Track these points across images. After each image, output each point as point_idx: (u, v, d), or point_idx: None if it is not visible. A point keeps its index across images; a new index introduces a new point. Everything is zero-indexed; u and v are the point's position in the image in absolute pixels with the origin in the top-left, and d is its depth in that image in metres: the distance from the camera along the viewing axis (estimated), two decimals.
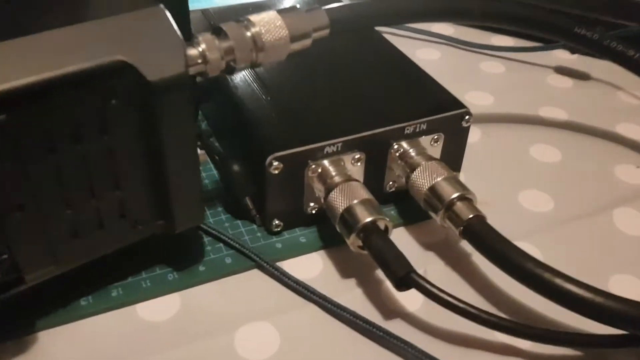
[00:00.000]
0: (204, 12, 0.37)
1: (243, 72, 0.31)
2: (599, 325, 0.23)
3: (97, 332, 0.24)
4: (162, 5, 0.21)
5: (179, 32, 0.21)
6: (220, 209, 0.30)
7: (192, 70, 0.23)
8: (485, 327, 0.23)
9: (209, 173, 0.32)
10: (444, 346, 0.24)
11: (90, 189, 0.22)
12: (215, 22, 0.26)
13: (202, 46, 0.23)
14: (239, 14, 0.25)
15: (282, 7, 0.37)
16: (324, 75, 0.32)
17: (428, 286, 0.24)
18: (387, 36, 0.45)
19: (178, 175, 0.23)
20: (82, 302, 0.25)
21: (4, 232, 0.20)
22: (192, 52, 0.23)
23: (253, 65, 0.25)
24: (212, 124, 0.34)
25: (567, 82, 0.43)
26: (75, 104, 0.20)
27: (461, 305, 0.23)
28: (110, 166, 0.22)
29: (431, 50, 0.45)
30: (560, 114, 0.39)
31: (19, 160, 0.20)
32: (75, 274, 0.24)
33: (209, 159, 0.32)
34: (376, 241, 0.25)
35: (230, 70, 0.24)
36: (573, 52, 0.45)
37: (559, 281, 0.23)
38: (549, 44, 0.45)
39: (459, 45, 0.46)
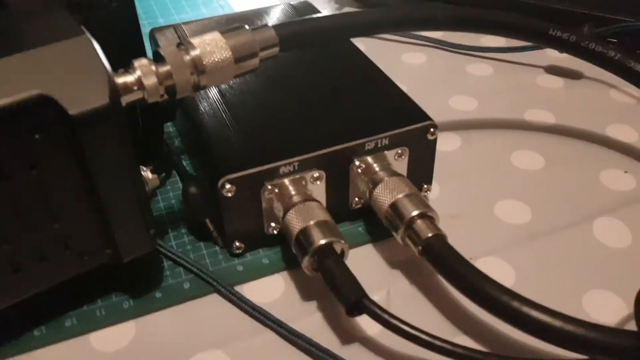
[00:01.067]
0: (175, 28, 0.37)
1: (206, 90, 0.31)
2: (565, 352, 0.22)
3: None
4: (88, 35, 0.21)
5: (105, 63, 0.21)
6: (184, 230, 0.29)
7: (127, 98, 0.22)
8: (438, 354, 0.22)
9: (177, 192, 0.31)
10: None
11: (26, 223, 0.22)
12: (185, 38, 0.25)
13: (137, 73, 0.22)
14: (210, 29, 0.24)
15: (256, 21, 0.37)
16: (288, 90, 0.31)
17: (379, 312, 0.23)
18: (371, 40, 0.44)
19: (116, 206, 0.22)
20: (36, 332, 0.25)
21: None
22: (127, 79, 0.22)
23: (197, 89, 0.24)
24: (183, 142, 0.34)
25: (557, 82, 0.41)
26: None
27: (413, 332, 0.22)
28: (44, 200, 0.21)
29: (417, 54, 0.44)
30: (547, 117, 0.37)
31: None
32: (29, 302, 0.24)
33: (178, 178, 0.32)
34: (329, 265, 0.24)
35: (172, 93, 0.24)
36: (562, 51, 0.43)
37: (516, 304, 0.22)
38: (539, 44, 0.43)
39: (446, 47, 0.45)
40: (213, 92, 0.31)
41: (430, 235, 0.25)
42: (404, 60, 0.43)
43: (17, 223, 0.21)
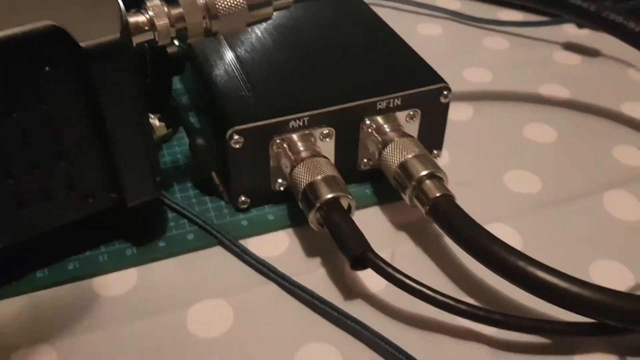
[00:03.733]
0: None
1: (217, 45, 0.31)
2: (569, 312, 0.22)
3: (50, 305, 0.24)
4: None
5: None
6: (189, 184, 0.29)
7: (139, 38, 0.22)
8: (442, 310, 0.22)
9: (183, 148, 0.31)
10: (404, 329, 0.23)
11: (32, 160, 0.21)
12: None
13: (150, 13, 0.22)
14: None
15: None
16: (300, 48, 0.31)
17: (384, 266, 0.22)
18: (387, 10, 0.44)
19: (123, 147, 0.22)
20: (38, 274, 0.25)
21: None
22: (139, 18, 0.22)
23: (208, 34, 0.24)
24: (191, 99, 0.34)
25: (574, 58, 0.40)
26: (6, 71, 0.19)
27: (417, 286, 0.22)
28: (52, 136, 0.21)
29: (433, 26, 0.44)
30: (562, 92, 0.37)
31: None
32: (32, 245, 0.23)
33: (185, 134, 0.32)
34: (335, 219, 0.24)
35: (183, 37, 0.23)
36: (582, 26, 0.42)
37: (522, 264, 0.22)
38: (557, 18, 0.42)
39: (463, 20, 0.44)
40: (224, 48, 0.30)
41: (438, 194, 0.25)
42: (419, 31, 0.43)
43: (23, 158, 0.21)
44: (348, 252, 0.23)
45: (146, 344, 0.23)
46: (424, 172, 0.25)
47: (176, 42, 0.29)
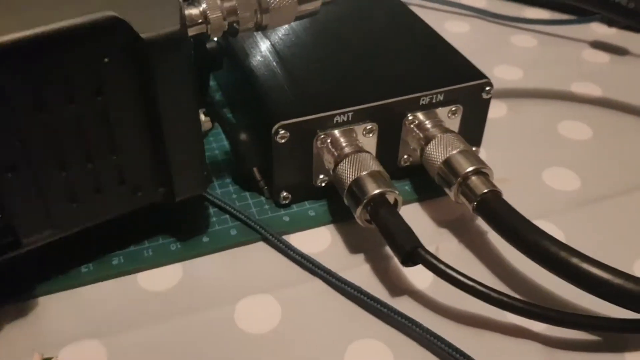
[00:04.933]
0: None
1: (256, 41, 0.30)
2: (619, 309, 0.22)
3: (96, 300, 0.24)
4: None
5: None
6: (229, 180, 0.29)
7: (192, 31, 0.22)
8: (495, 306, 0.22)
9: (220, 144, 0.31)
10: (452, 325, 0.23)
11: (86, 152, 0.21)
12: None
13: (203, 5, 0.22)
14: None
15: None
16: (341, 44, 0.31)
17: (435, 262, 0.22)
18: (414, 8, 0.44)
19: (176, 141, 0.22)
20: (83, 269, 0.25)
21: (4, 192, 0.20)
22: (193, 11, 0.22)
23: (258, 28, 0.24)
24: (226, 95, 0.34)
25: (603, 57, 0.40)
26: (65, 62, 0.19)
27: (469, 282, 0.22)
28: (106, 129, 0.21)
29: (460, 23, 0.44)
30: (594, 90, 0.37)
31: (9, 116, 0.19)
32: (77, 240, 0.23)
33: (221, 130, 0.32)
34: (384, 214, 0.24)
35: (233, 32, 0.23)
36: (610, 25, 0.42)
37: (575, 261, 0.22)
38: (584, 17, 0.42)
39: (490, 18, 0.44)
40: (264, 44, 0.30)
41: (486, 191, 0.25)
42: (447, 29, 0.43)
43: (77, 151, 0.21)
44: (398, 248, 0.23)
45: (195, 340, 0.23)
46: (469, 168, 0.25)
47: (215, 38, 0.29)
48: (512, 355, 0.22)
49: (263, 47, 0.30)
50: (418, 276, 0.25)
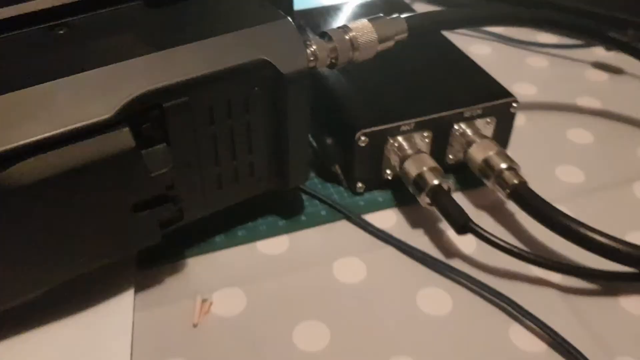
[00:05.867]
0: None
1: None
2: (614, 264, 0.30)
3: (230, 260, 0.33)
4: (289, 18, 0.29)
5: (302, 38, 0.29)
6: (313, 174, 0.38)
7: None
8: (524, 262, 0.31)
9: None
10: (491, 278, 0.32)
11: (233, 153, 0.30)
12: (298, 23, 0.33)
13: (314, 47, 0.31)
14: (320, 15, 0.32)
15: (357, 12, 0.45)
16: (396, 68, 0.39)
17: (481, 231, 0.31)
18: (446, 33, 0.52)
19: (295, 145, 0.31)
20: (217, 239, 0.33)
21: (180, 181, 0.28)
22: (307, 51, 0.31)
23: (350, 62, 0.32)
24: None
25: (603, 76, 0.49)
26: (230, 90, 0.28)
27: (505, 245, 0.31)
28: (248, 136, 0.30)
29: (483, 47, 0.52)
30: (595, 104, 0.46)
31: (192, 128, 0.28)
32: (211, 218, 0.32)
33: None
34: (441, 198, 0.33)
35: (332, 65, 0.32)
36: (608, 49, 0.51)
37: (583, 230, 0.30)
38: (588, 42, 0.51)
39: (508, 42, 0.53)
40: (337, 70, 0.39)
41: (516, 182, 0.33)
42: (472, 51, 0.51)
43: (227, 151, 0.30)
44: (454, 221, 0.32)
45: (305, 288, 0.31)
46: (503, 165, 0.34)
47: None
48: (537, 298, 0.31)
49: (335, 70, 0.39)
50: (464, 244, 0.34)
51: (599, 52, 0.51)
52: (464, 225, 0.31)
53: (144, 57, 0.26)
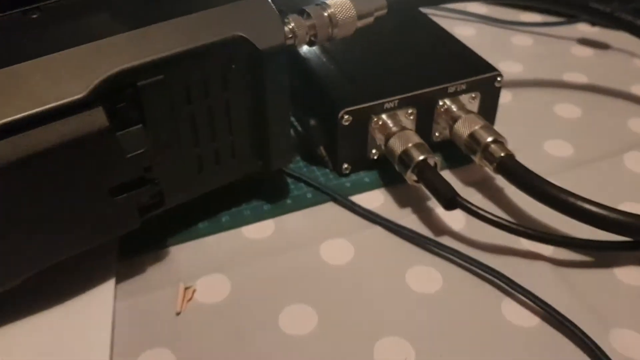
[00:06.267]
0: None
1: (313, 47, 0.38)
2: (607, 235, 0.29)
3: (214, 247, 0.32)
4: None
5: (278, 14, 0.28)
6: (298, 157, 0.37)
7: (287, 42, 0.30)
8: (514, 235, 0.30)
9: None
10: (482, 253, 0.31)
11: (212, 133, 0.29)
12: (279, 8, 0.33)
13: (292, 24, 0.30)
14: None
15: None
16: (378, 46, 0.39)
17: (469, 205, 0.30)
18: (428, 15, 0.52)
19: (276, 124, 0.30)
20: (200, 225, 0.33)
21: (158, 163, 0.28)
22: (285, 28, 0.30)
23: (329, 39, 0.32)
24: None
25: (588, 51, 0.49)
26: (207, 68, 0.27)
27: (494, 218, 0.30)
28: (227, 116, 0.29)
29: (467, 28, 0.52)
30: (581, 79, 0.45)
31: (168, 108, 0.27)
32: (194, 204, 0.31)
33: None
34: (428, 174, 0.32)
35: (312, 43, 0.31)
36: (593, 25, 0.51)
37: (572, 199, 0.30)
38: (572, 19, 0.51)
39: (492, 23, 0.52)
40: (317, 48, 0.38)
41: (502, 154, 0.33)
42: (456, 32, 0.50)
43: (207, 131, 0.29)
44: (442, 196, 0.31)
45: (292, 270, 0.30)
46: (489, 139, 0.33)
47: None
48: (529, 271, 0.30)
49: (316, 51, 0.38)
50: (453, 221, 0.33)
51: (584, 28, 0.51)
52: (451, 199, 0.31)
53: (117, 35, 0.26)
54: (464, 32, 0.51)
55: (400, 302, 0.29)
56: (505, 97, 0.43)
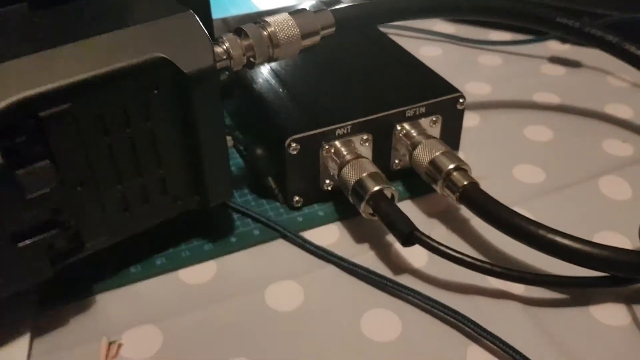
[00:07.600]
0: (224, 21, 0.41)
1: (260, 70, 0.36)
2: (580, 270, 0.26)
3: (146, 293, 0.28)
4: (191, 11, 0.26)
5: (207, 33, 0.25)
6: (246, 190, 0.34)
7: (218, 65, 0.27)
8: (479, 273, 0.27)
9: (235, 161, 0.36)
10: (446, 293, 0.28)
11: (137, 168, 0.26)
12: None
13: (227, 44, 0.27)
14: (255, 20, 0.29)
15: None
16: (333, 69, 0.36)
17: (429, 241, 0.27)
18: (393, 37, 0.49)
19: (210, 156, 0.27)
20: (132, 269, 0.29)
21: (70, 203, 0.24)
22: (218, 49, 0.27)
23: (270, 60, 0.29)
24: (235, 120, 0.39)
25: (560, 70, 0.46)
26: (124, 94, 0.24)
27: (457, 255, 0.27)
28: (153, 148, 0.26)
29: (434, 48, 0.49)
30: (553, 99, 0.42)
31: (80, 141, 0.24)
32: (125, 246, 0.28)
33: (235, 149, 0.36)
34: (384, 206, 0.29)
35: (250, 65, 0.28)
36: (564, 42, 0.48)
37: (542, 232, 0.27)
38: (541, 36, 0.48)
39: (459, 42, 0.50)
40: (267, 72, 0.35)
41: (465, 183, 0.30)
42: (422, 53, 0.48)
43: (130, 167, 0.26)
44: (398, 232, 0.28)
45: (234, 320, 0.27)
46: (451, 166, 0.30)
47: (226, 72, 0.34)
48: (498, 313, 0.27)
49: (266, 75, 0.35)
50: (415, 257, 0.30)
51: (555, 46, 0.49)
52: (409, 235, 0.28)
53: (18, 59, 0.23)
54: (430, 52, 0.49)
55: (355, 353, 0.26)
56: (472, 120, 0.40)
